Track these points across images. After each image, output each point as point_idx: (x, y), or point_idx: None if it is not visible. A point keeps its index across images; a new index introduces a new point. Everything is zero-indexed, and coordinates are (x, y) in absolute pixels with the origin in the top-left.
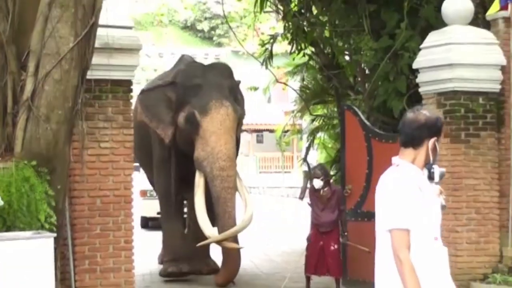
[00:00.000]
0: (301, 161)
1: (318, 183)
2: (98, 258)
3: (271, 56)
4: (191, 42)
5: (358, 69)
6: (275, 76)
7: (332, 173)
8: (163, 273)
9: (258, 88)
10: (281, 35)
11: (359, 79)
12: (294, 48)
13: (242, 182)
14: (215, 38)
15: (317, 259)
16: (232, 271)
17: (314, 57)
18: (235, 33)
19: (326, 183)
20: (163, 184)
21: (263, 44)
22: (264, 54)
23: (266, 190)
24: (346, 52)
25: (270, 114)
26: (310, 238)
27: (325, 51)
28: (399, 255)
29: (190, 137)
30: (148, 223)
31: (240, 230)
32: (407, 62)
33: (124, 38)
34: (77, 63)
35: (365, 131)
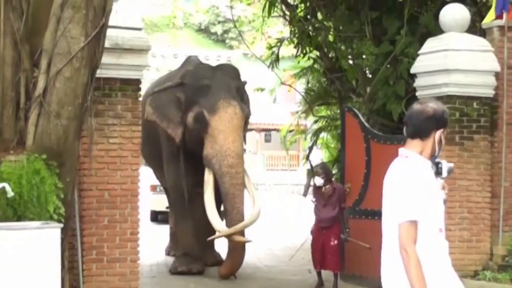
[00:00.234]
0: (304, 160)
1: (319, 181)
2: (105, 249)
3: (278, 59)
4: (205, 44)
5: (360, 73)
6: (280, 79)
7: (334, 172)
8: (173, 271)
9: (264, 89)
10: (288, 39)
11: (361, 83)
12: (300, 52)
13: (250, 179)
14: (228, 41)
15: (320, 254)
16: (236, 264)
17: (319, 61)
18: (244, 37)
19: (328, 181)
20: (174, 182)
21: (270, 47)
22: (271, 57)
23: (273, 187)
24: (349, 57)
25: (278, 115)
26: (313, 233)
27: (329, 55)
28: (406, 248)
29: (199, 136)
30: (158, 217)
31: (249, 225)
32: (406, 67)
33: (134, 39)
34: (87, 62)
35: (364, 132)
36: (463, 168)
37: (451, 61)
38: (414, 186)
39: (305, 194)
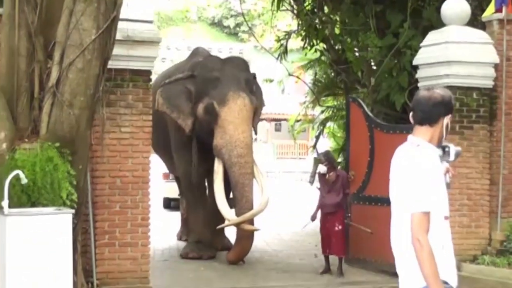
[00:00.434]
0: (311, 149)
1: (323, 168)
2: (117, 234)
3: (286, 51)
4: (218, 38)
5: (365, 65)
6: (287, 70)
7: (340, 160)
8: (184, 256)
9: (273, 80)
10: (295, 32)
11: (365, 74)
12: (307, 44)
13: (259, 168)
14: (240, 34)
15: (326, 239)
16: (244, 251)
17: (325, 53)
18: (254, 31)
19: (331, 168)
20: (184, 170)
21: (279, 40)
22: (280, 49)
23: (283, 175)
24: (355, 49)
25: (288, 105)
26: (314, 218)
27: (335, 48)
28: (419, 238)
29: (209, 127)
30: (170, 204)
31: (257, 214)
32: (409, 59)
33: (145, 32)
34: (99, 54)
35: (368, 122)
36: (463, 156)
37: (452, 53)
38: (428, 177)
39: (312, 182)
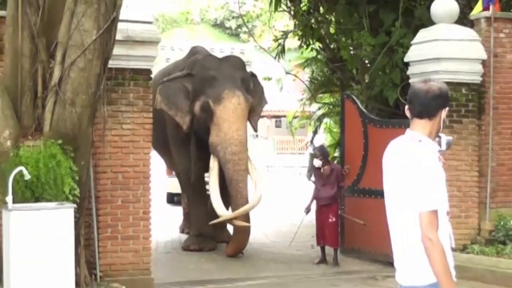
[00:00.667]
0: (308, 144)
1: (318, 162)
2: (119, 227)
3: (283, 50)
4: (220, 38)
5: (359, 63)
6: (285, 69)
7: (336, 155)
8: (186, 248)
9: (272, 78)
10: (292, 32)
11: (360, 71)
12: (303, 43)
13: (253, 165)
14: (241, 35)
15: (321, 230)
16: (241, 245)
17: (321, 52)
18: (253, 31)
19: (326, 162)
20: (183, 167)
21: (277, 40)
22: (277, 49)
23: (283, 169)
24: (350, 48)
25: (288, 102)
26: (309, 211)
27: (331, 46)
28: (429, 236)
29: (206, 124)
30: (173, 199)
31: (249, 209)
32: (401, 57)
33: (145, 32)
34: (99, 54)
35: (362, 117)
36: (453, 149)
37: (441, 50)
38: (433, 175)
39: (309, 177)
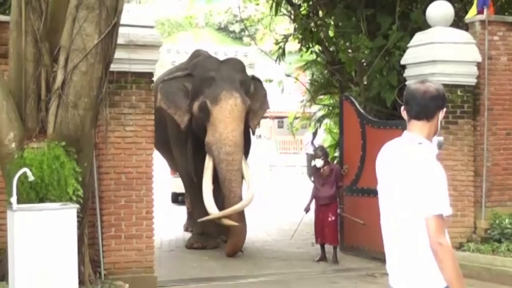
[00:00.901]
0: (306, 144)
1: (319, 163)
2: (123, 226)
3: (284, 53)
4: (224, 42)
5: (357, 65)
6: (285, 71)
7: (336, 155)
8: (189, 246)
9: (272, 80)
10: (292, 35)
11: (358, 74)
12: (303, 46)
13: (248, 166)
14: (244, 38)
15: (320, 229)
16: (238, 244)
17: (321, 54)
18: (254, 35)
19: (326, 162)
20: (185, 167)
21: (277, 43)
22: (278, 52)
23: (285, 169)
24: (349, 50)
25: (290, 103)
26: (308, 210)
27: (330, 49)
28: (439, 241)
29: (203, 124)
30: (178, 198)
31: (239, 209)
32: (398, 59)
33: (147, 36)
34: (101, 58)
35: (360, 119)
36: (449, 150)
37: (437, 53)
38: (439, 179)
39: (311, 176)
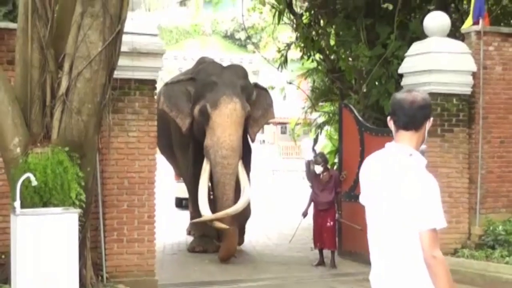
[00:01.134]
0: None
1: (319, 169)
2: (125, 230)
3: (286, 61)
4: (230, 49)
5: (356, 73)
6: (286, 79)
7: (336, 161)
8: (191, 250)
9: (275, 87)
10: (294, 44)
11: (357, 82)
12: (304, 55)
13: (244, 171)
14: (249, 46)
15: (318, 234)
16: (231, 248)
17: (322, 63)
18: (258, 42)
19: (325, 169)
20: (187, 171)
21: (280, 51)
22: (280, 60)
23: (287, 173)
24: (349, 59)
25: (292, 109)
26: (306, 215)
27: (331, 58)
28: (434, 255)
29: (203, 128)
30: (182, 203)
31: (231, 213)
32: (397, 68)
33: (150, 44)
34: (105, 65)
35: (359, 126)
36: (444, 157)
37: (433, 62)
38: (434, 191)
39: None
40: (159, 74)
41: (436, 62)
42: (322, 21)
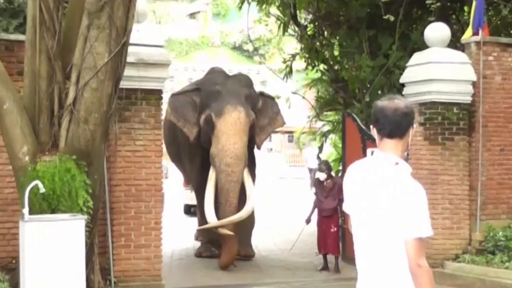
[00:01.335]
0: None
1: (323, 176)
2: (132, 236)
3: (291, 72)
4: (239, 60)
5: (359, 83)
6: (290, 89)
7: (340, 168)
8: (198, 255)
9: (280, 97)
10: (299, 55)
11: (360, 91)
12: (309, 65)
13: (250, 179)
14: (256, 57)
15: (322, 240)
16: (231, 256)
17: (326, 73)
18: (264, 54)
19: (329, 176)
20: (195, 178)
21: (285, 62)
22: (285, 70)
23: (294, 181)
24: (353, 69)
25: (300, 118)
26: (309, 221)
27: (334, 68)
28: (420, 263)
29: (209, 136)
30: (190, 210)
31: (235, 221)
32: (398, 78)
33: (157, 55)
34: (111, 75)
35: (361, 134)
36: (445, 165)
37: (434, 72)
38: (422, 199)
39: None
40: (170, 85)
41: (437, 72)
42: (326, 33)
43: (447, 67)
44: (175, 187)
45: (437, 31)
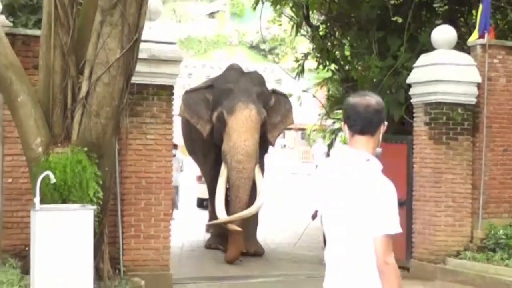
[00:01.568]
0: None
1: None
2: (142, 227)
3: (303, 70)
4: (256, 59)
5: (368, 83)
6: (302, 87)
7: None
8: (208, 247)
9: (292, 95)
10: (311, 54)
11: (369, 91)
12: (320, 65)
13: (261, 176)
14: (271, 56)
15: None
16: (237, 250)
17: (336, 72)
18: (278, 53)
19: None
20: (209, 173)
21: (297, 61)
22: (298, 69)
23: (306, 176)
24: (363, 69)
25: (311, 116)
26: (315, 217)
27: (345, 68)
28: (387, 261)
29: (221, 133)
30: (203, 203)
31: (244, 216)
32: (406, 78)
33: (169, 52)
34: (123, 71)
35: None
36: (449, 164)
37: (440, 74)
38: (392, 196)
39: None
40: (188, 81)
41: (443, 73)
42: (337, 33)
43: (453, 69)
44: (189, 180)
45: (444, 33)
